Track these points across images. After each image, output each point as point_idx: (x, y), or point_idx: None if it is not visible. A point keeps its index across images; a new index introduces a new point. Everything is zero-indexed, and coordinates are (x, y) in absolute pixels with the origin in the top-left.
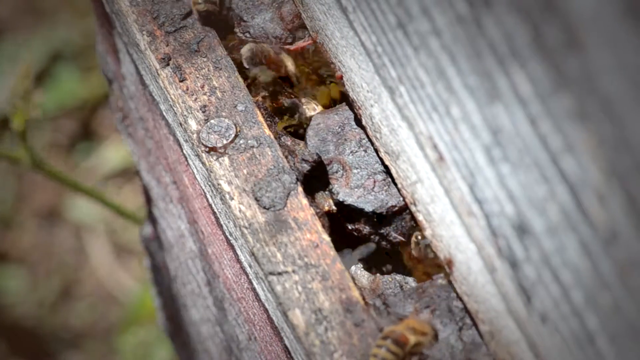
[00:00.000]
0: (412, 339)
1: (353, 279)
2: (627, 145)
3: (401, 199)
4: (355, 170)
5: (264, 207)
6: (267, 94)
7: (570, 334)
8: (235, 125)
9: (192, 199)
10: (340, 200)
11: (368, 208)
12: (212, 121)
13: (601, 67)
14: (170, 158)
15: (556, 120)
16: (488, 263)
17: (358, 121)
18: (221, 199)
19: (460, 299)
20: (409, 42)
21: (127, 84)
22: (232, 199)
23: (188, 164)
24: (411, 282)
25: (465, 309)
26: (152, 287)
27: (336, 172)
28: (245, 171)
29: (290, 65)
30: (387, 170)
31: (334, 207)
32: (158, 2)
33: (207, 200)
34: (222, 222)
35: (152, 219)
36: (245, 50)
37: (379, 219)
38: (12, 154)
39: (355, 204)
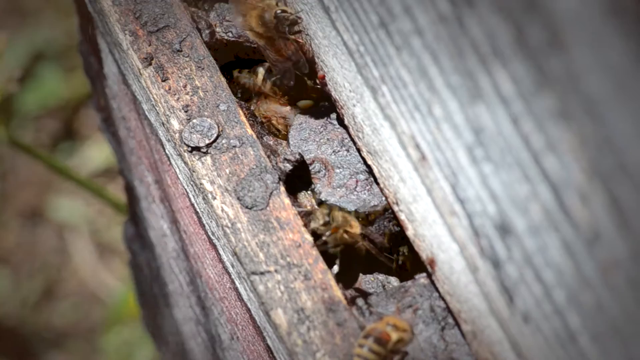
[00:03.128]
0: (394, 335)
1: (335, 278)
2: (610, 145)
3: (383, 198)
4: (337, 170)
5: (246, 207)
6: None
7: (553, 333)
8: (217, 124)
9: (174, 198)
10: (323, 199)
11: (350, 207)
12: (194, 121)
13: (584, 67)
14: (152, 158)
15: (538, 119)
16: (470, 263)
17: (340, 121)
18: (203, 199)
19: (443, 299)
20: (391, 42)
21: (110, 84)
22: (214, 198)
23: (170, 163)
24: (394, 281)
25: (448, 309)
26: (135, 286)
27: (318, 171)
28: (227, 171)
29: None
30: (369, 170)
31: (316, 207)
32: (140, 2)
33: (190, 199)
34: (204, 222)
35: (134, 219)
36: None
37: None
38: None
39: (338, 204)
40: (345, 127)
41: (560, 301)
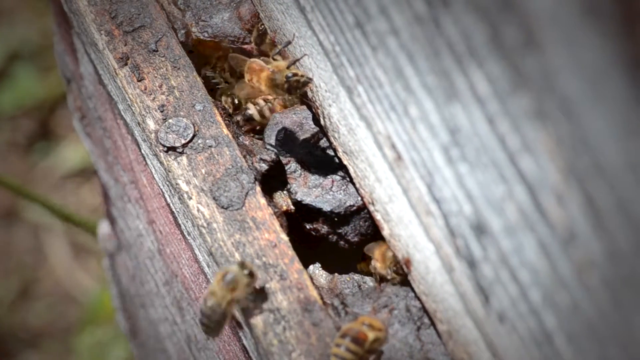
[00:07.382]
0: (371, 335)
1: (311, 278)
2: (585, 145)
3: (359, 198)
4: (313, 170)
5: (222, 207)
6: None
7: (528, 333)
8: (193, 124)
9: (150, 198)
10: (299, 199)
11: (326, 207)
12: (170, 121)
13: (559, 67)
14: (128, 157)
15: (514, 119)
16: (446, 262)
17: (316, 120)
18: (179, 199)
19: (419, 299)
20: (367, 42)
21: (86, 84)
22: (190, 198)
23: (146, 163)
24: (369, 281)
25: (424, 309)
26: (111, 286)
27: (294, 171)
28: (203, 171)
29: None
30: (345, 170)
31: (292, 207)
32: (116, 2)
33: (165, 199)
34: (180, 222)
35: (110, 219)
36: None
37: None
38: None
39: (314, 204)
40: (321, 127)
41: (536, 301)
